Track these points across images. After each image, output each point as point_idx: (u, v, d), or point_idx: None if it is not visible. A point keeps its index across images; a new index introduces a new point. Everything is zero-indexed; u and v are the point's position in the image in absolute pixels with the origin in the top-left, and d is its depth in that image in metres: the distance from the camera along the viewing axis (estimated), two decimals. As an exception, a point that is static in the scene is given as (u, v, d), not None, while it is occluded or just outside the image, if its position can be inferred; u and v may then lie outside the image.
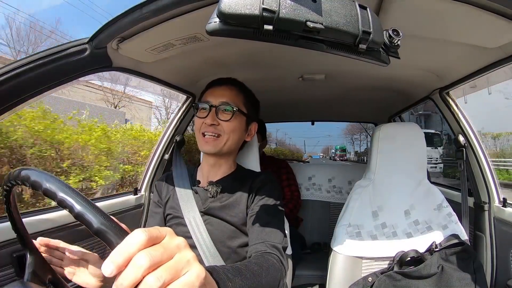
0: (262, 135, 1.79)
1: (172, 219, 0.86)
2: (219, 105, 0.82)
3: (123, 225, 0.36)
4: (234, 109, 0.82)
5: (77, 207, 0.37)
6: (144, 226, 1.36)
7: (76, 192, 0.38)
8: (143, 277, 0.29)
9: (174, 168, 0.95)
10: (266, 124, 1.90)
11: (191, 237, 0.80)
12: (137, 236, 0.30)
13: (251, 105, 0.90)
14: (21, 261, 0.79)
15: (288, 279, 1.04)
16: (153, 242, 0.31)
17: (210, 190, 0.84)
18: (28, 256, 0.56)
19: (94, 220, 0.35)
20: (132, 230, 0.33)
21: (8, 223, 0.54)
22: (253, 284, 0.54)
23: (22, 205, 2.21)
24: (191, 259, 0.32)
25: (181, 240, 0.33)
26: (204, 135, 0.82)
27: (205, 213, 0.83)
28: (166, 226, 0.86)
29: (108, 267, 0.29)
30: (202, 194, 0.85)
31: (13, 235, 0.55)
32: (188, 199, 0.85)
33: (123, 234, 0.34)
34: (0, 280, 0.77)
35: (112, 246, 0.33)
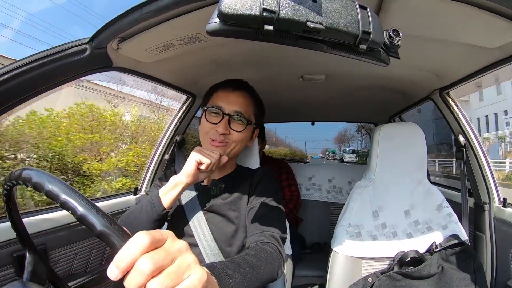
0: (261, 137, 1.79)
1: (175, 218, 0.86)
2: (233, 115, 0.81)
3: (125, 229, 0.36)
4: (248, 122, 0.82)
5: (80, 209, 0.37)
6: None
7: (78, 194, 0.38)
8: (147, 282, 0.29)
9: (178, 167, 0.95)
10: (274, 126, 1.90)
11: (193, 236, 0.80)
12: (140, 239, 0.31)
13: (259, 114, 0.90)
14: (21, 261, 0.79)
15: (288, 279, 1.04)
16: (155, 245, 0.31)
17: (213, 188, 0.85)
18: (28, 255, 0.56)
19: (97, 223, 0.35)
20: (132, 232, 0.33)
21: (8, 223, 0.54)
22: (253, 277, 0.55)
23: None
24: (193, 262, 0.33)
25: (182, 244, 0.34)
26: (212, 140, 0.81)
27: (208, 211, 0.83)
28: (168, 224, 0.86)
29: (113, 271, 0.30)
30: (205, 192, 0.86)
31: (13, 235, 0.55)
32: (191, 197, 0.86)
33: (126, 237, 0.34)
34: (0, 280, 0.77)
35: (115, 249, 0.33)
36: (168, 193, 0.74)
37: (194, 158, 0.72)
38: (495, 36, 0.75)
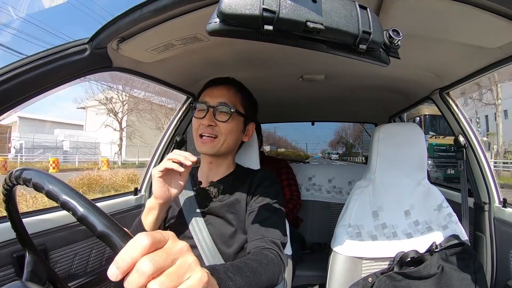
0: (257, 135, 1.79)
1: (173, 220, 0.86)
2: (217, 106, 0.82)
3: (126, 229, 0.36)
4: (232, 110, 0.82)
5: (80, 209, 0.37)
6: None
7: (79, 194, 0.38)
8: (147, 283, 0.29)
9: None
10: (284, 133, 1.91)
11: (192, 238, 0.80)
12: (141, 240, 0.31)
13: (249, 105, 0.90)
14: (21, 261, 0.79)
15: (288, 279, 1.04)
16: (156, 246, 0.31)
17: (211, 190, 0.84)
18: (27, 255, 0.56)
19: (98, 223, 0.35)
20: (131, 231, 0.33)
21: (8, 223, 0.54)
22: (253, 281, 0.55)
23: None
24: (193, 263, 0.33)
25: (183, 244, 0.34)
26: (201, 136, 0.82)
27: (206, 213, 0.83)
28: (167, 226, 0.86)
29: (113, 272, 0.30)
30: (203, 194, 0.85)
31: (13, 235, 0.55)
32: (189, 199, 0.85)
33: (126, 238, 0.34)
34: (0, 280, 0.77)
35: (115, 250, 0.33)
36: (146, 218, 0.72)
37: (154, 174, 0.68)
38: (495, 36, 0.75)
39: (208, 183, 0.86)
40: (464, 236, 1.00)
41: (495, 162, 11.99)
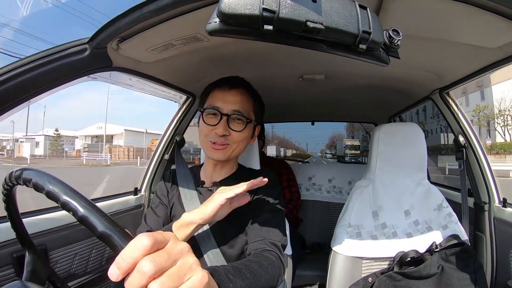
0: (261, 136, 1.79)
1: (176, 220, 0.85)
2: (231, 114, 0.80)
3: (126, 230, 0.36)
4: (247, 120, 0.81)
5: (81, 210, 0.37)
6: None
7: (79, 195, 0.38)
8: (148, 283, 0.29)
9: (177, 168, 0.94)
10: (290, 137, 1.92)
11: (194, 238, 0.80)
12: (142, 241, 0.31)
13: (259, 110, 0.89)
14: (21, 261, 0.79)
15: (288, 279, 1.04)
16: (157, 247, 0.31)
17: (214, 190, 0.84)
18: (27, 255, 0.56)
19: (98, 224, 0.35)
20: (131, 230, 0.33)
21: (8, 223, 0.54)
22: (253, 283, 0.55)
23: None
24: (194, 264, 0.33)
25: (184, 245, 0.34)
26: (213, 143, 0.81)
27: None
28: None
29: (114, 272, 0.30)
30: (206, 194, 0.85)
31: (13, 235, 0.55)
32: (192, 199, 0.85)
33: (127, 238, 0.34)
34: (0, 280, 0.76)
35: (116, 251, 0.33)
36: (179, 231, 0.70)
37: (219, 199, 0.66)
38: (495, 36, 0.75)
39: (211, 184, 0.86)
40: (464, 236, 1.00)
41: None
